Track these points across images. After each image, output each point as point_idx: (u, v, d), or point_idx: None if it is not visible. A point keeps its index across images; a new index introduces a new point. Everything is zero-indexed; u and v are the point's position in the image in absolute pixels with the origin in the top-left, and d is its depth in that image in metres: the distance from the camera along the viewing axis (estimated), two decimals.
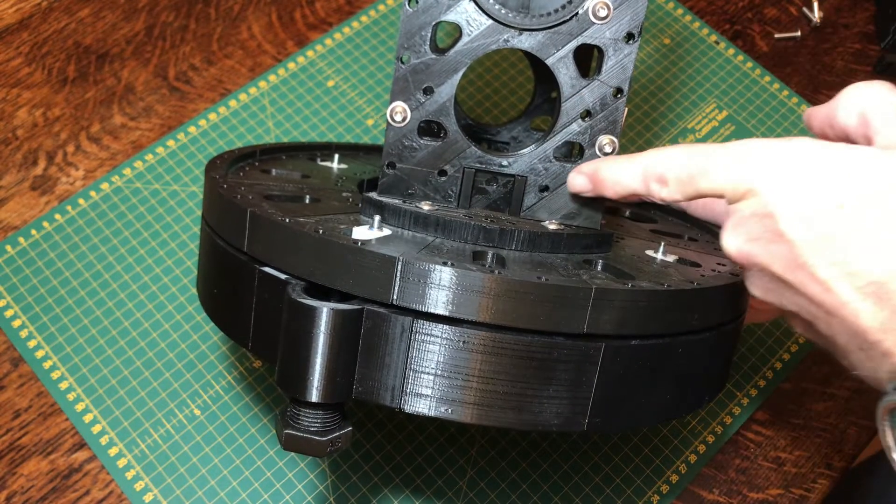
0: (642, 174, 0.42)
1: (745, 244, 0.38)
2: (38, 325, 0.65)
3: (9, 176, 0.71)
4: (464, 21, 0.46)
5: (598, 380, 0.39)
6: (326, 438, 0.39)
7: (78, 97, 0.75)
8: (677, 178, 0.40)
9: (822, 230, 0.35)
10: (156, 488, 0.60)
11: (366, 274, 0.38)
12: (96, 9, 0.79)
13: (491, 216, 0.47)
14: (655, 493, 0.64)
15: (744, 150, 0.38)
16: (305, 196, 0.49)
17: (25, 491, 0.60)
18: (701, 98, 0.80)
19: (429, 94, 0.47)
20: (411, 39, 0.46)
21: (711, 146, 0.39)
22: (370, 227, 0.43)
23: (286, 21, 0.80)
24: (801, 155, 0.36)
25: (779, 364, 0.69)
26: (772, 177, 0.36)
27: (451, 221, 0.44)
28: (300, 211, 0.45)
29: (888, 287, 0.34)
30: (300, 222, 0.41)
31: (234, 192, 0.46)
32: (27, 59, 0.76)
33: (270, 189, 0.49)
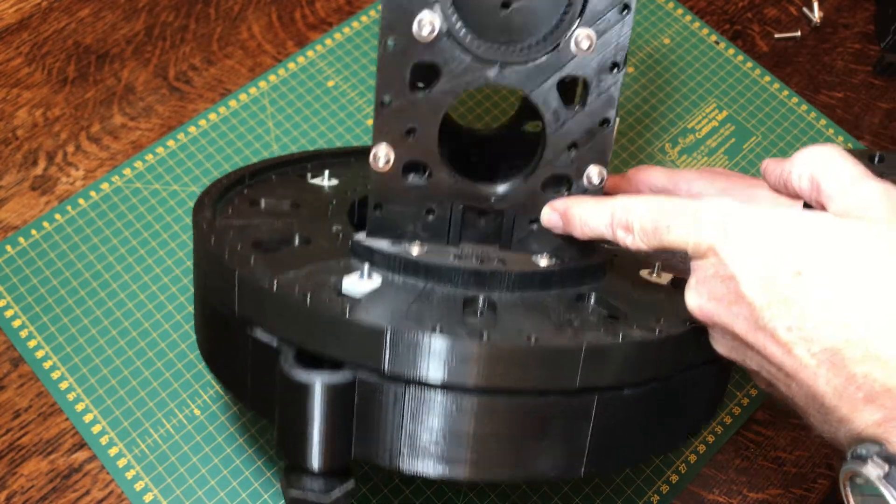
0: (610, 220, 0.42)
1: (707, 303, 0.39)
2: (38, 325, 0.65)
3: (9, 176, 0.71)
4: (442, 60, 0.44)
5: (592, 431, 0.40)
6: (331, 499, 0.40)
7: (78, 97, 0.75)
8: (642, 229, 0.41)
9: (781, 296, 0.36)
10: (156, 488, 0.60)
11: (356, 343, 0.39)
12: (96, 9, 0.79)
13: (482, 254, 0.47)
14: (655, 493, 0.64)
15: (707, 210, 0.38)
16: (295, 236, 0.49)
17: (25, 491, 0.60)
18: (701, 98, 0.80)
19: (412, 135, 0.45)
20: (390, 81, 0.44)
21: (678, 202, 0.40)
22: (360, 276, 0.43)
23: (286, 21, 0.80)
24: (761, 220, 0.37)
25: None
26: (733, 240, 0.37)
27: (440, 267, 0.45)
28: (289, 262, 0.45)
29: (843, 354, 0.34)
30: (289, 283, 0.41)
31: (222, 244, 0.46)
32: (27, 59, 0.76)
33: (259, 231, 0.49)
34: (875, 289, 0.34)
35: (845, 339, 0.34)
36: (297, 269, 0.44)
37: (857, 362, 0.34)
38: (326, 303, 0.40)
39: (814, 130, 0.79)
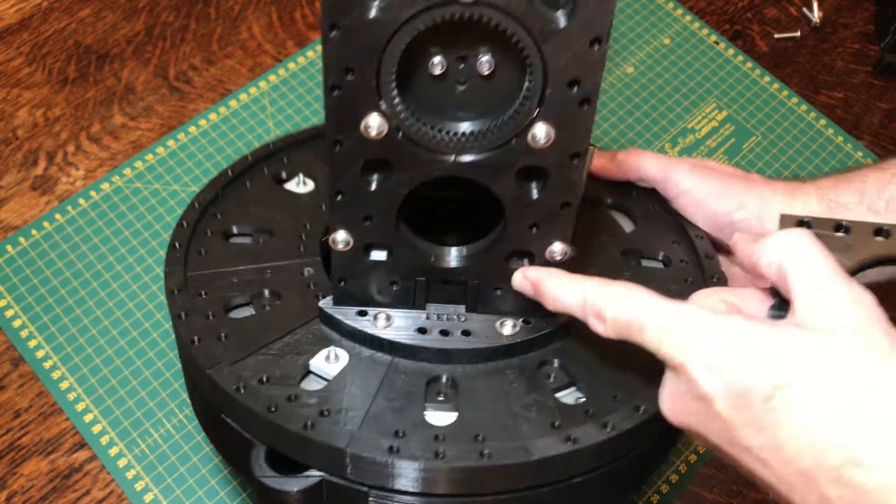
0: (582, 303, 0.42)
1: (681, 414, 0.39)
2: (39, 325, 0.65)
3: (9, 176, 0.71)
4: (394, 156, 0.42)
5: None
6: None
7: (78, 97, 0.75)
8: (614, 320, 0.40)
9: (755, 420, 0.36)
10: (156, 488, 0.60)
11: (319, 454, 0.42)
12: (96, 9, 0.79)
13: (448, 318, 0.49)
14: (655, 492, 0.64)
15: (679, 323, 0.38)
16: (265, 291, 0.51)
17: (26, 491, 0.60)
18: (701, 98, 0.80)
19: (369, 221, 0.45)
20: (342, 176, 0.43)
21: (653, 303, 0.39)
22: (327, 359, 0.46)
23: (286, 21, 0.80)
24: (731, 338, 0.36)
25: None
26: (703, 361, 0.37)
27: (404, 345, 0.47)
28: (260, 335, 0.48)
29: (818, 479, 0.35)
30: (256, 381, 0.45)
31: (193, 326, 0.48)
32: (27, 59, 0.76)
33: (230, 285, 0.51)
34: (846, 413, 0.34)
35: (818, 465, 0.34)
36: (267, 346, 0.47)
37: (830, 484, 0.34)
38: (290, 417, 0.43)
39: (813, 130, 0.79)
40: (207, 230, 0.55)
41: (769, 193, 0.53)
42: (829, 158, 0.78)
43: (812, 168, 0.77)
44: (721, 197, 0.53)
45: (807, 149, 0.78)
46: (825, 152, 0.78)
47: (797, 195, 0.53)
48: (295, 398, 0.44)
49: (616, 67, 0.81)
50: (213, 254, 0.54)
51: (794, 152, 0.78)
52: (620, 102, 0.79)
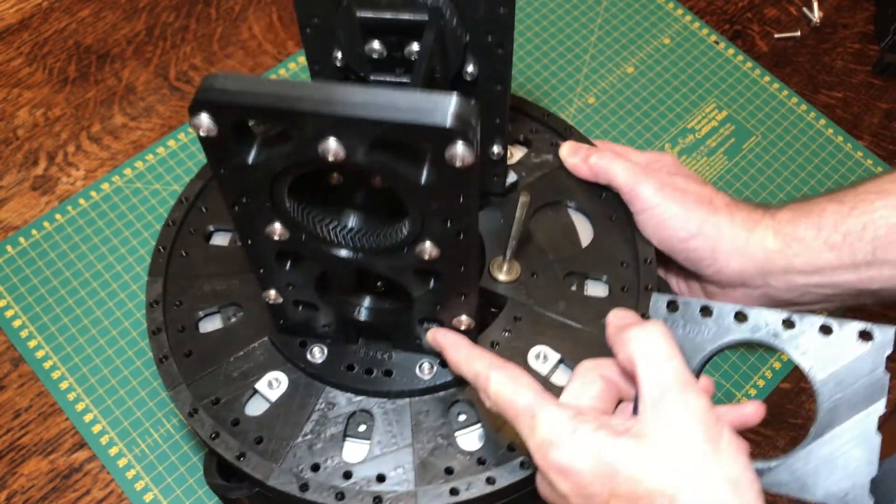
0: (474, 378, 0.46)
1: (549, 497, 0.45)
2: (39, 325, 0.65)
3: (9, 176, 0.71)
4: (303, 250, 0.47)
5: None
6: None
7: (78, 97, 0.75)
8: (495, 402, 0.45)
9: None
10: (156, 488, 0.61)
11: (250, 479, 0.51)
12: (97, 9, 0.79)
13: (370, 364, 0.54)
14: None
15: (544, 423, 0.43)
16: (230, 303, 0.57)
17: (26, 491, 0.60)
18: (701, 98, 0.80)
19: (292, 287, 0.50)
20: (259, 260, 0.48)
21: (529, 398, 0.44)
22: (269, 386, 0.54)
23: (286, 21, 0.80)
24: (581, 449, 0.42)
25: (778, 364, 0.69)
26: (557, 467, 0.42)
27: (334, 380, 0.53)
28: (220, 352, 0.55)
29: None
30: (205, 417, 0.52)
31: (162, 343, 0.55)
32: (28, 59, 0.76)
33: (201, 301, 0.57)
34: None
35: None
36: (223, 364, 0.54)
37: None
38: (228, 446, 0.51)
39: (813, 130, 0.79)
40: (192, 228, 0.60)
41: (728, 226, 0.55)
42: (829, 158, 0.78)
43: (812, 168, 0.77)
44: (681, 221, 0.55)
45: (807, 149, 0.78)
46: (825, 152, 0.78)
47: (756, 230, 0.55)
48: (236, 423, 0.52)
49: (616, 67, 0.81)
50: (193, 256, 0.59)
51: (793, 152, 0.78)
52: (620, 102, 0.79)
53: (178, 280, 0.58)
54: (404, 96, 0.37)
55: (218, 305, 0.58)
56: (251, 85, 0.38)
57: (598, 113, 0.78)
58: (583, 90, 0.79)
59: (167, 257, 0.59)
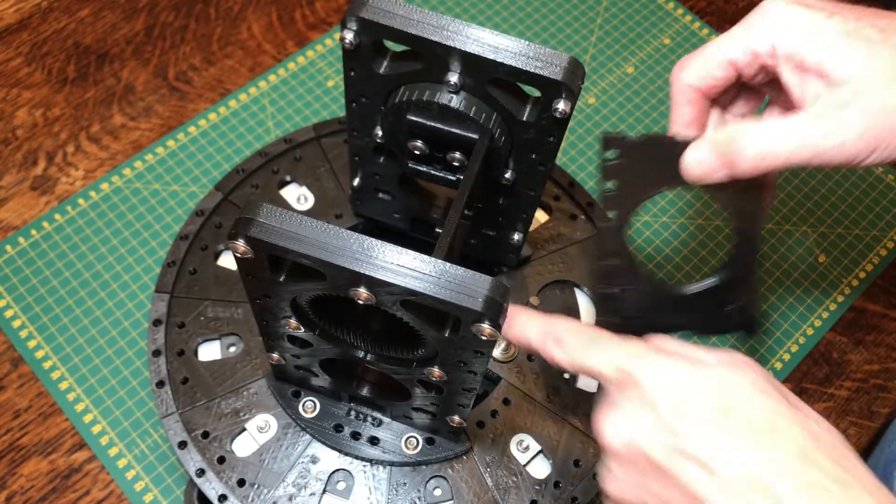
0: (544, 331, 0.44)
1: (625, 430, 0.40)
2: (38, 325, 0.65)
3: (9, 176, 0.71)
4: (313, 341, 0.48)
5: None
6: None
7: (78, 97, 0.75)
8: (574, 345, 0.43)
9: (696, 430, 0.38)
10: (156, 488, 0.60)
11: None
12: (96, 9, 0.79)
13: (358, 428, 0.56)
14: None
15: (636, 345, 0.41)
16: (230, 333, 0.59)
17: (25, 491, 0.60)
18: None
19: (297, 359, 0.52)
20: (270, 338, 0.50)
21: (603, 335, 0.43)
22: (258, 430, 0.56)
23: (286, 21, 0.80)
24: (677, 366, 0.39)
25: (779, 364, 0.69)
26: (653, 377, 0.39)
27: (323, 439, 0.55)
28: (215, 384, 0.57)
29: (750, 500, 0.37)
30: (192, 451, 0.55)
31: (160, 368, 0.57)
32: (27, 59, 0.76)
33: (203, 327, 0.59)
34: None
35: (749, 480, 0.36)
36: (218, 398, 0.57)
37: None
38: (211, 485, 0.54)
39: None
40: (203, 244, 0.62)
41: None
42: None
43: (812, 168, 0.77)
44: None
45: None
46: None
47: None
48: (222, 461, 0.55)
49: (616, 67, 0.81)
50: (201, 275, 0.61)
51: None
52: (621, 102, 0.79)
53: (183, 300, 0.60)
54: (442, 271, 0.38)
55: (219, 333, 0.59)
56: (292, 225, 0.39)
57: (598, 113, 0.78)
58: (583, 90, 0.79)
59: (175, 274, 0.61)
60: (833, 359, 0.70)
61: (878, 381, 0.69)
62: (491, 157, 0.50)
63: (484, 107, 0.48)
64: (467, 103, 0.47)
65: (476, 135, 0.48)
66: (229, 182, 0.65)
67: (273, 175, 0.66)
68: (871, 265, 0.73)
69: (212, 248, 0.62)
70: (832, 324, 0.71)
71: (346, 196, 0.64)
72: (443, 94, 0.47)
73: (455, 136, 0.48)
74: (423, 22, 0.45)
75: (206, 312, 0.60)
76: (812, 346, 0.70)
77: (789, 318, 0.71)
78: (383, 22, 0.44)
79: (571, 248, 0.64)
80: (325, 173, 0.66)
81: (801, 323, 0.71)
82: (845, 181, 0.77)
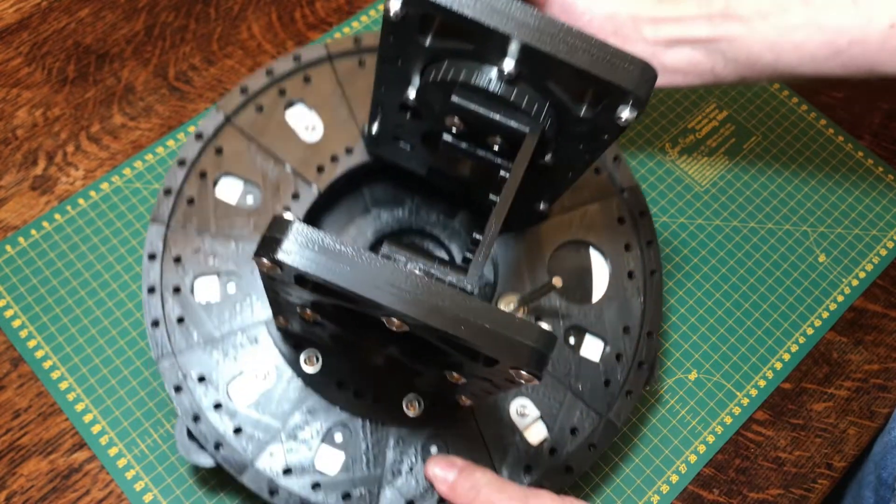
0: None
1: None
2: (38, 325, 0.65)
3: (9, 176, 0.71)
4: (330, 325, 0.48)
5: None
6: None
7: (78, 97, 0.75)
8: None
9: None
10: (156, 488, 0.60)
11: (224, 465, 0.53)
12: (96, 9, 0.79)
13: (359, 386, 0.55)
14: (655, 493, 0.64)
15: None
16: (229, 271, 0.56)
17: (25, 491, 0.60)
18: (701, 98, 0.80)
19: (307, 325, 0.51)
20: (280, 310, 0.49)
21: None
22: (257, 377, 0.54)
23: (286, 21, 0.80)
24: None
25: (779, 364, 0.69)
26: None
27: (324, 394, 0.54)
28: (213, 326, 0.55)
29: None
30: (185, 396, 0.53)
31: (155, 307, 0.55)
32: (27, 59, 0.76)
33: (202, 263, 0.56)
34: None
35: None
36: (215, 341, 0.54)
37: None
38: (206, 435, 0.53)
39: (814, 130, 0.79)
40: (203, 171, 0.58)
41: None
42: (830, 158, 0.78)
43: (812, 168, 0.77)
44: None
45: (807, 149, 0.78)
46: (825, 152, 0.78)
47: None
48: (218, 406, 0.53)
49: None
50: (199, 206, 0.57)
51: (794, 152, 0.78)
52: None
53: (180, 233, 0.56)
54: (488, 315, 0.36)
55: (218, 271, 0.56)
56: (323, 251, 0.37)
57: None
58: None
59: (172, 204, 0.57)
60: (833, 359, 0.70)
61: (878, 380, 0.69)
62: (536, 144, 0.47)
63: (537, 97, 0.44)
64: (520, 93, 0.44)
65: (526, 128, 0.44)
66: (232, 102, 0.60)
67: (280, 97, 0.61)
68: (871, 265, 0.73)
69: (211, 176, 0.58)
70: (832, 324, 0.71)
71: (358, 128, 0.61)
72: (494, 79, 0.44)
73: (503, 126, 0.45)
74: (482, 2, 0.41)
75: (204, 247, 0.56)
76: (812, 346, 0.70)
77: (789, 317, 0.71)
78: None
79: (592, 206, 0.61)
80: (336, 99, 0.61)
81: (801, 323, 0.71)
82: (845, 181, 0.77)
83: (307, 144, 0.60)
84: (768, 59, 0.58)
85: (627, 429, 0.65)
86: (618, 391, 0.57)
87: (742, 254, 0.73)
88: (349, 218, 0.63)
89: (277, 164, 0.59)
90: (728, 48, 0.58)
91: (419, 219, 0.62)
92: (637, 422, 0.66)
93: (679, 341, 0.69)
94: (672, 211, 0.74)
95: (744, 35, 0.57)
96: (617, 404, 0.57)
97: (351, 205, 0.63)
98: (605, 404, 0.57)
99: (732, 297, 0.71)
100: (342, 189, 0.61)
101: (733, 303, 0.71)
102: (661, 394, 0.67)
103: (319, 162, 0.60)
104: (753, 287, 0.72)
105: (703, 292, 0.71)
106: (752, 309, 0.71)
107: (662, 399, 0.67)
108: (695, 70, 0.60)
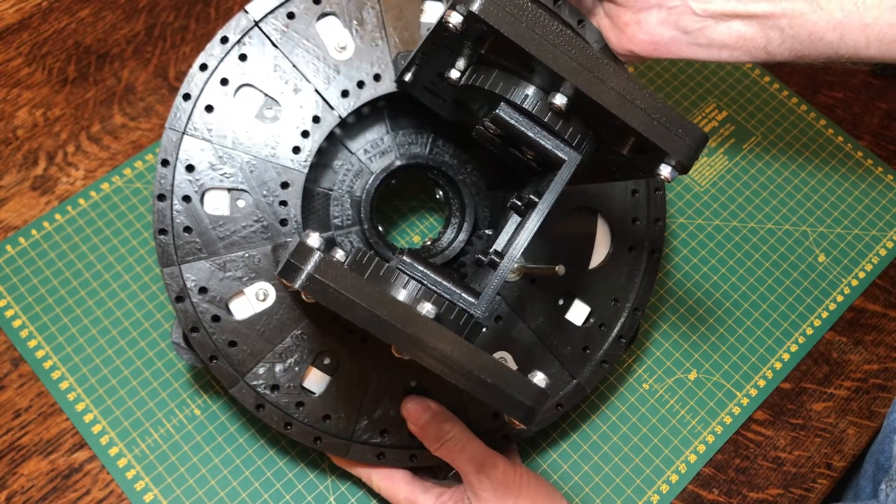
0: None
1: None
2: (39, 325, 0.65)
3: (9, 176, 0.71)
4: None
5: None
6: None
7: (78, 97, 0.75)
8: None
9: None
10: (156, 488, 0.60)
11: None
12: (96, 9, 0.79)
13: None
14: (655, 493, 0.64)
15: None
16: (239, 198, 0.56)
17: (26, 491, 0.60)
18: (701, 98, 0.80)
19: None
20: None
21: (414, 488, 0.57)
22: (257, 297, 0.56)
23: None
24: None
25: (779, 364, 0.69)
26: None
27: (321, 321, 0.56)
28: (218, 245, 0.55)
29: None
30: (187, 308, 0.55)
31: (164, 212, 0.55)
32: (27, 59, 0.76)
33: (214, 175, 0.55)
34: None
35: None
36: (219, 254, 0.55)
37: None
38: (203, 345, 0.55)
39: (813, 130, 0.79)
40: (224, 78, 0.57)
41: None
42: (830, 158, 0.78)
43: (812, 168, 0.77)
44: None
45: (807, 149, 0.78)
46: (825, 152, 0.78)
47: None
48: (216, 319, 0.54)
49: None
50: (218, 114, 0.56)
51: (794, 152, 0.78)
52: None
53: (195, 139, 0.55)
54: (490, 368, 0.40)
55: (229, 186, 0.55)
56: (345, 287, 0.39)
57: None
58: None
59: (190, 110, 0.56)
60: (833, 358, 0.70)
61: (877, 380, 0.69)
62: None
63: (581, 127, 0.44)
64: (565, 125, 0.44)
65: (566, 157, 0.44)
66: (263, 6, 0.56)
67: (314, 5, 0.57)
68: (871, 265, 0.73)
69: (232, 84, 0.56)
70: (832, 323, 0.71)
71: (389, 53, 0.58)
72: (543, 105, 0.43)
73: (543, 149, 0.45)
74: (544, 39, 0.40)
75: (217, 155, 0.55)
76: (811, 346, 0.70)
77: (789, 317, 0.71)
78: (500, 28, 0.40)
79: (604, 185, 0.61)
80: (371, 17, 0.58)
81: (801, 322, 0.71)
82: (845, 181, 0.77)
83: (335, 62, 0.58)
84: (831, 38, 0.55)
85: (627, 428, 0.66)
86: (595, 359, 0.60)
87: (742, 254, 0.73)
88: (366, 140, 0.61)
89: (301, 82, 0.57)
90: (788, 25, 0.55)
91: (434, 155, 0.62)
92: (637, 421, 0.66)
93: (679, 341, 0.69)
94: (672, 211, 0.74)
95: (807, 12, 0.54)
96: (590, 371, 0.59)
97: (369, 127, 0.61)
98: (580, 369, 0.59)
99: (732, 297, 0.71)
100: (364, 115, 0.60)
101: (733, 303, 0.71)
102: (662, 393, 0.67)
103: (345, 86, 0.57)
104: (753, 287, 0.72)
105: (703, 292, 0.71)
106: (752, 309, 0.71)
107: (662, 399, 0.67)
108: (745, 46, 0.57)
